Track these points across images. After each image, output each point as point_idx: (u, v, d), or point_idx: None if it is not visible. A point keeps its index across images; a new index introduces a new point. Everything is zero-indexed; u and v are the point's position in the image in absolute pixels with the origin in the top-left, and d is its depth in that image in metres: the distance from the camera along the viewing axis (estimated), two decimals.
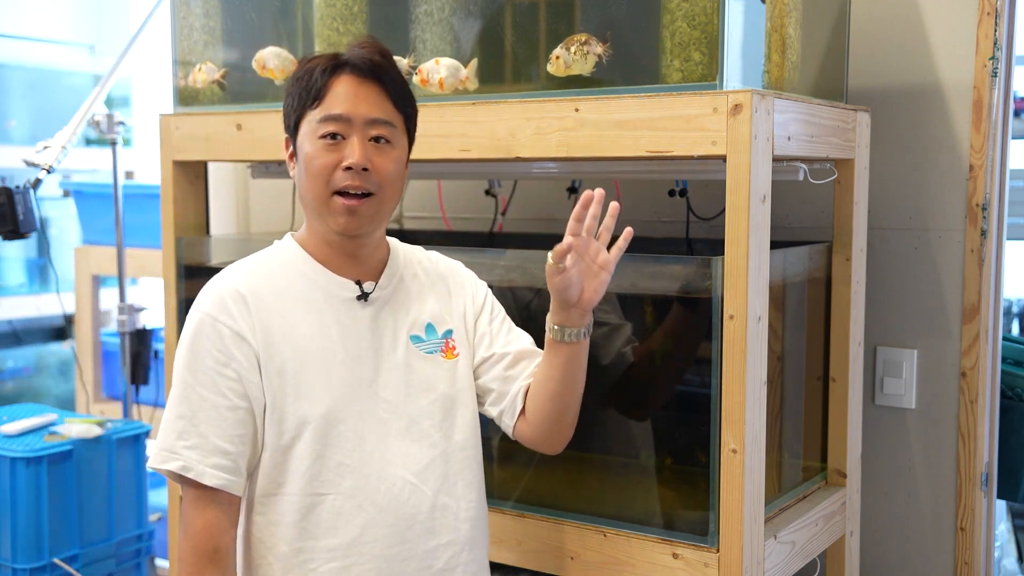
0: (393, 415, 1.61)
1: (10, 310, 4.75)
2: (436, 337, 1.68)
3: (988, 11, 2.11)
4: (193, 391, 1.53)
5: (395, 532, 1.58)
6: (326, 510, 1.56)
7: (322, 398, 1.56)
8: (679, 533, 1.78)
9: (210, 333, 1.54)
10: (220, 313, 1.55)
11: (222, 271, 1.64)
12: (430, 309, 1.70)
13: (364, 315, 1.63)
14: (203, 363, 1.53)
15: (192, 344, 1.55)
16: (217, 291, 1.58)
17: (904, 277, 2.25)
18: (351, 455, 1.57)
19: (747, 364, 1.65)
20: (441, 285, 1.74)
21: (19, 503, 2.54)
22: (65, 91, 4.92)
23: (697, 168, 1.86)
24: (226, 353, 1.54)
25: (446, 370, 1.67)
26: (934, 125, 2.20)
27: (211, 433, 1.52)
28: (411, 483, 1.60)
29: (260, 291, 1.59)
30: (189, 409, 1.53)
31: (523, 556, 1.93)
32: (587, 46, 1.79)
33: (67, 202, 4.23)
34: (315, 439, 1.55)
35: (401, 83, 1.63)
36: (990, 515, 2.23)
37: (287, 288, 1.61)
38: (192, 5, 2.32)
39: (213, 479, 1.51)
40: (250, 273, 1.62)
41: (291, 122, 1.62)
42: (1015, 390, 2.29)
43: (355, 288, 1.63)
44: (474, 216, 2.67)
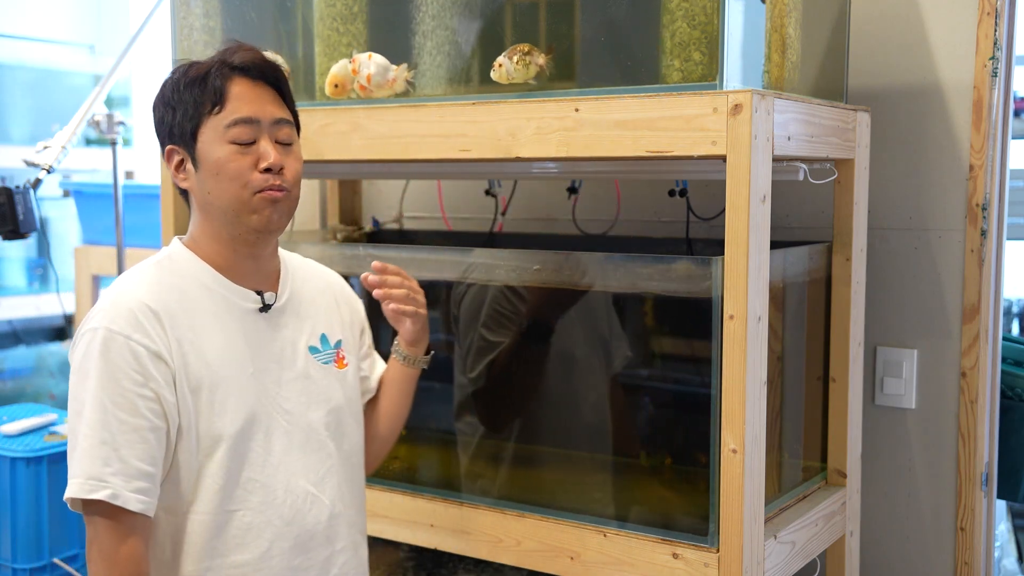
0: (295, 427, 1.61)
1: (10, 310, 4.74)
2: (329, 348, 1.70)
3: (988, 11, 2.11)
4: (111, 415, 1.46)
5: (299, 544, 1.59)
6: (236, 527, 1.54)
7: (235, 415, 1.54)
8: (679, 533, 1.78)
9: (123, 352, 1.47)
10: (133, 331, 1.48)
11: (119, 282, 1.57)
12: (323, 319, 1.71)
13: (265, 326, 1.62)
14: (120, 384, 1.46)
15: (104, 365, 1.47)
16: (125, 306, 1.50)
17: (904, 277, 2.24)
18: (260, 470, 1.56)
19: (747, 364, 1.65)
20: (329, 295, 1.75)
21: (19, 503, 2.53)
22: (65, 91, 4.91)
23: (697, 168, 1.86)
24: (143, 373, 1.47)
25: (338, 380, 1.69)
26: (934, 125, 2.20)
27: (132, 456, 1.46)
28: (312, 494, 1.61)
29: (169, 306, 1.53)
30: (110, 434, 1.45)
31: (523, 556, 1.93)
32: (529, 56, 1.83)
33: (67, 202, 4.23)
34: (228, 457, 1.53)
35: (285, 82, 1.63)
36: (990, 515, 2.23)
37: (193, 301, 1.56)
38: (192, 5, 2.32)
39: (137, 504, 1.46)
40: (154, 285, 1.55)
41: (187, 130, 1.56)
42: (1015, 390, 2.29)
43: (256, 299, 1.61)
44: (474, 216, 2.67)
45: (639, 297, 1.94)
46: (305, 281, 1.72)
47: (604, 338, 2.04)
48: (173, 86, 1.58)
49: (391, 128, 1.96)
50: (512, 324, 2.05)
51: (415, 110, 1.93)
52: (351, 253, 2.16)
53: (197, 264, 1.60)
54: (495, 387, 2.13)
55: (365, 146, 1.99)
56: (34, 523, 2.54)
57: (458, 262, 2.08)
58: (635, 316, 2.04)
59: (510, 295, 2.03)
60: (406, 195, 2.76)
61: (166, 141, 1.60)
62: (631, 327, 2.05)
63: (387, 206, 2.81)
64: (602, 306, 2.03)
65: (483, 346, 2.09)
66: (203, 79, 1.55)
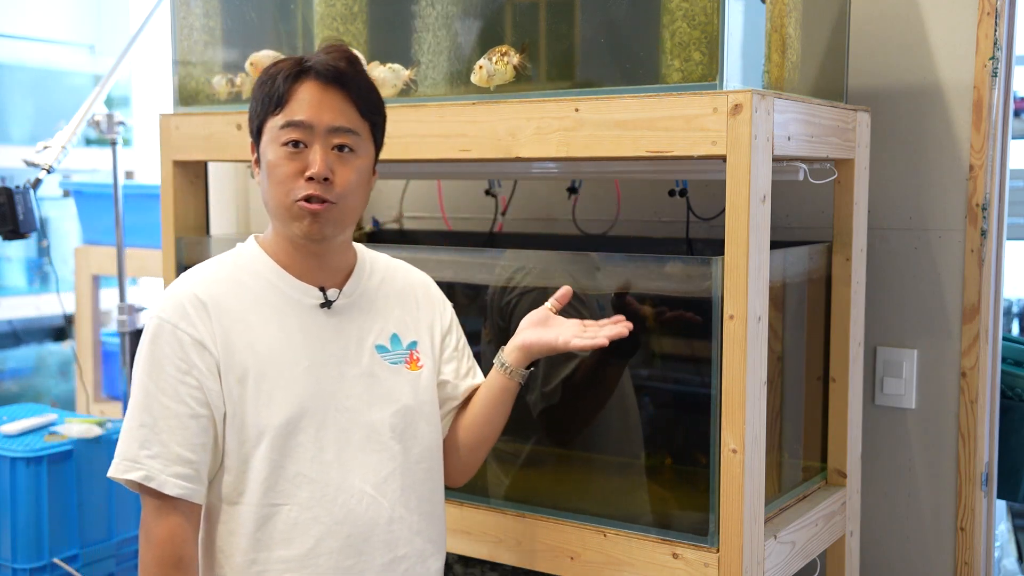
0: (354, 425, 1.59)
1: (10, 310, 4.74)
2: (401, 348, 1.66)
3: (988, 11, 2.11)
4: (155, 399, 1.50)
5: (351, 544, 1.56)
6: (281, 521, 1.54)
7: (282, 408, 1.54)
8: (679, 533, 1.78)
9: (170, 340, 1.52)
10: (180, 320, 1.53)
11: (182, 275, 1.61)
12: (396, 319, 1.68)
13: (328, 322, 1.60)
14: (164, 371, 1.51)
15: (152, 351, 1.53)
16: (177, 297, 1.55)
17: (904, 277, 2.25)
18: (309, 465, 1.55)
19: (747, 364, 1.65)
20: (409, 295, 1.72)
21: (19, 503, 2.54)
22: (65, 91, 4.92)
23: (697, 168, 1.86)
24: (187, 361, 1.51)
25: (409, 382, 1.65)
26: (934, 125, 2.20)
27: (172, 441, 1.49)
28: (369, 495, 1.58)
29: (221, 297, 1.56)
30: (151, 417, 1.50)
31: (523, 556, 1.93)
32: (506, 56, 1.85)
33: (67, 202, 4.23)
34: (273, 449, 1.53)
35: (368, 90, 1.60)
36: (990, 515, 2.23)
37: (250, 293, 1.58)
38: (192, 5, 2.32)
39: (175, 488, 1.49)
40: (210, 278, 1.59)
41: (254, 127, 1.60)
42: (1015, 390, 2.29)
43: (319, 295, 1.61)
44: (474, 216, 2.67)
45: (639, 297, 1.93)
46: (383, 280, 1.69)
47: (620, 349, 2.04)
48: (257, 82, 1.59)
49: (391, 128, 1.95)
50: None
51: (415, 110, 1.93)
52: None
53: (262, 259, 1.61)
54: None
55: None
56: (34, 523, 2.54)
57: (458, 262, 2.08)
58: (635, 316, 2.04)
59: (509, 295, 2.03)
60: (406, 195, 2.76)
61: (250, 135, 1.63)
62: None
63: (387, 206, 2.81)
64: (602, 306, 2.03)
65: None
66: (274, 78, 1.56)
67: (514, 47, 1.89)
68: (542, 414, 2.01)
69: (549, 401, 2.00)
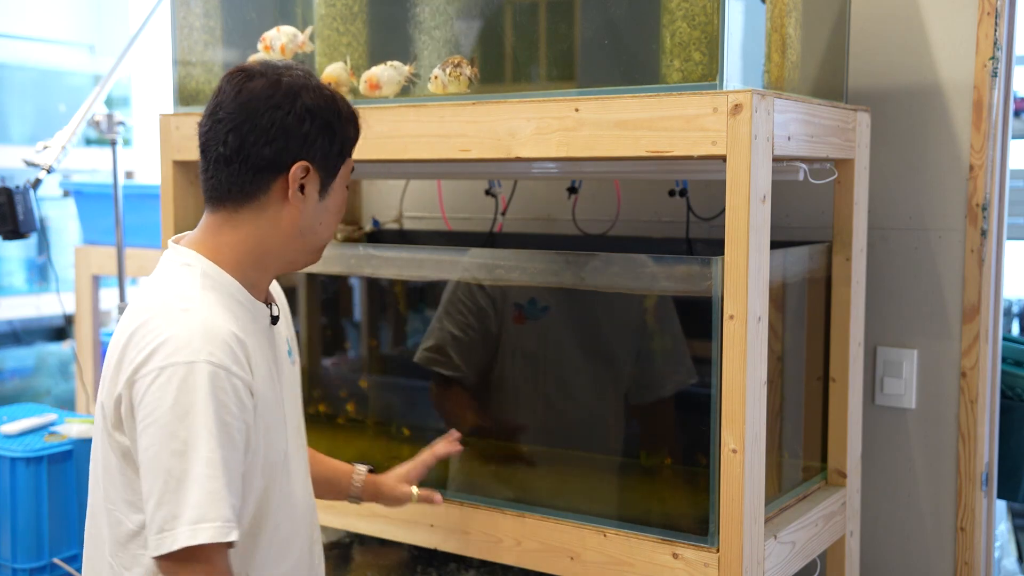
0: (297, 432, 1.64)
1: (10, 310, 4.74)
2: (291, 347, 1.69)
3: (988, 11, 2.11)
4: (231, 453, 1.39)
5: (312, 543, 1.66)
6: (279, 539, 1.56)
7: (276, 436, 1.53)
8: (679, 533, 1.78)
9: (227, 388, 1.40)
10: (233, 364, 1.41)
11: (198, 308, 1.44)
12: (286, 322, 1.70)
13: (272, 338, 1.59)
14: (226, 423, 1.39)
15: (212, 401, 1.38)
16: (220, 337, 1.42)
17: (904, 277, 2.25)
18: (287, 480, 1.58)
19: (747, 364, 1.65)
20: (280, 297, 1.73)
21: (19, 503, 2.53)
22: (65, 91, 4.92)
23: (697, 168, 1.86)
24: (241, 407, 1.42)
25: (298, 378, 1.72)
26: (934, 125, 2.20)
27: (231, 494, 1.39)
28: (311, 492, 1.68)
29: (246, 334, 1.48)
30: (226, 474, 1.38)
31: (523, 556, 1.93)
32: (459, 68, 1.91)
33: (67, 202, 4.23)
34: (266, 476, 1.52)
35: None
36: (990, 515, 2.23)
37: (244, 324, 1.50)
38: (192, 5, 2.32)
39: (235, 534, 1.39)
40: (225, 311, 1.47)
41: (331, 161, 1.54)
42: (1015, 390, 2.29)
43: (267, 312, 1.58)
44: (474, 216, 2.67)
45: (639, 297, 1.94)
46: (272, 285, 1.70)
47: (604, 338, 2.04)
48: (336, 114, 1.53)
49: (391, 128, 1.96)
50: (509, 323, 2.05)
51: (415, 110, 1.93)
52: (351, 253, 2.16)
53: (230, 281, 1.52)
54: (494, 388, 2.13)
55: (365, 146, 1.98)
56: (34, 523, 2.54)
57: (458, 262, 2.08)
58: (635, 316, 2.03)
59: (507, 294, 2.03)
60: (406, 195, 2.76)
61: (301, 154, 1.50)
62: (631, 327, 2.05)
63: (387, 206, 2.81)
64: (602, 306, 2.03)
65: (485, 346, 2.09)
66: (356, 121, 1.59)
67: (466, 59, 1.93)
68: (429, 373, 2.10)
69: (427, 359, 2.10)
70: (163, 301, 1.46)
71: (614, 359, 2.08)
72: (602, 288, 1.94)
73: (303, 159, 1.50)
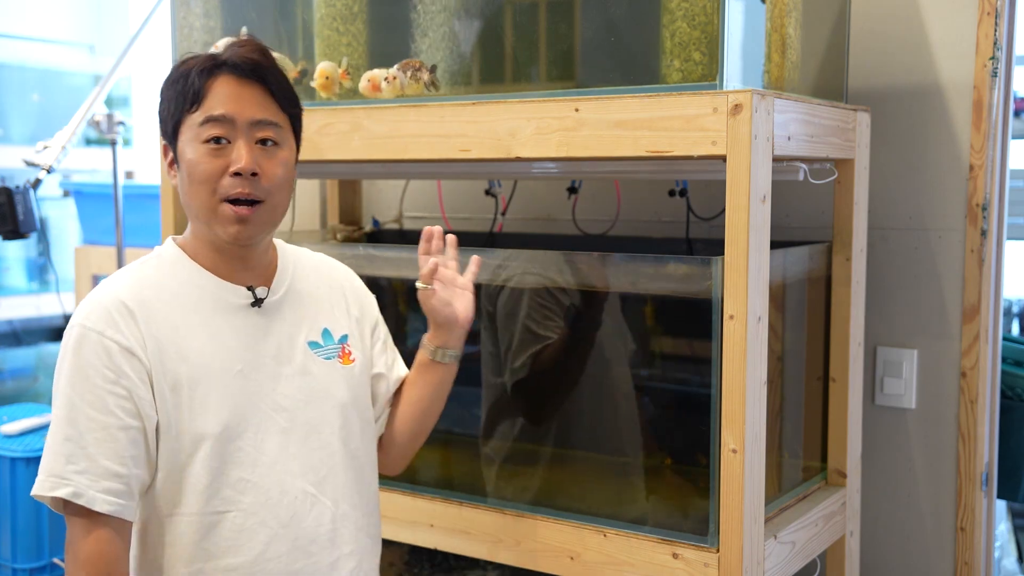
0: (293, 424, 1.55)
1: (10, 310, 4.75)
2: (333, 342, 1.63)
3: (988, 11, 2.11)
4: (80, 412, 1.42)
5: (299, 547, 1.53)
6: (227, 528, 1.49)
7: (219, 413, 1.49)
8: (679, 533, 1.78)
9: (96, 349, 1.44)
10: (107, 327, 1.45)
11: (102, 282, 1.53)
12: (326, 314, 1.64)
13: (259, 322, 1.56)
14: (91, 381, 1.43)
15: (76, 361, 1.44)
16: (101, 303, 1.47)
17: (904, 277, 2.24)
18: (251, 470, 1.50)
19: (747, 364, 1.65)
20: (336, 289, 1.69)
21: (19, 503, 2.54)
22: (65, 91, 4.92)
23: (697, 168, 1.86)
24: (115, 370, 1.44)
25: (343, 376, 1.62)
26: (934, 125, 2.20)
27: (101, 455, 1.42)
28: (311, 494, 1.55)
29: (148, 302, 1.49)
30: (76, 431, 1.42)
31: (523, 556, 1.93)
32: (419, 72, 1.94)
33: (67, 202, 4.23)
34: (212, 456, 1.48)
35: (284, 82, 1.55)
36: (990, 515, 2.23)
37: (176, 298, 1.52)
38: (192, 5, 2.32)
39: (105, 504, 1.41)
40: (135, 283, 1.52)
41: (168, 128, 1.53)
42: (1015, 390, 2.29)
43: (247, 294, 1.55)
44: (474, 216, 2.67)
45: (639, 297, 1.94)
46: (307, 275, 1.66)
47: (604, 338, 2.04)
48: (168, 80, 1.54)
49: (391, 128, 1.96)
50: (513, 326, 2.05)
51: (415, 110, 1.93)
52: (351, 253, 2.16)
53: (185, 262, 1.55)
54: (495, 388, 2.13)
55: (365, 146, 1.99)
56: (34, 523, 2.54)
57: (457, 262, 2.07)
58: (635, 316, 2.03)
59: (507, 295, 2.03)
60: (406, 195, 2.76)
61: (161, 136, 1.57)
62: (631, 327, 2.05)
63: (387, 206, 2.81)
64: (601, 306, 2.03)
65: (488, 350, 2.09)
66: (186, 75, 1.50)
67: (426, 65, 1.97)
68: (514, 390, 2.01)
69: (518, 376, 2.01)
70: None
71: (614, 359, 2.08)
72: (602, 288, 1.94)
73: (161, 140, 1.58)
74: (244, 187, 1.49)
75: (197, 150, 1.49)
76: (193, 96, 1.49)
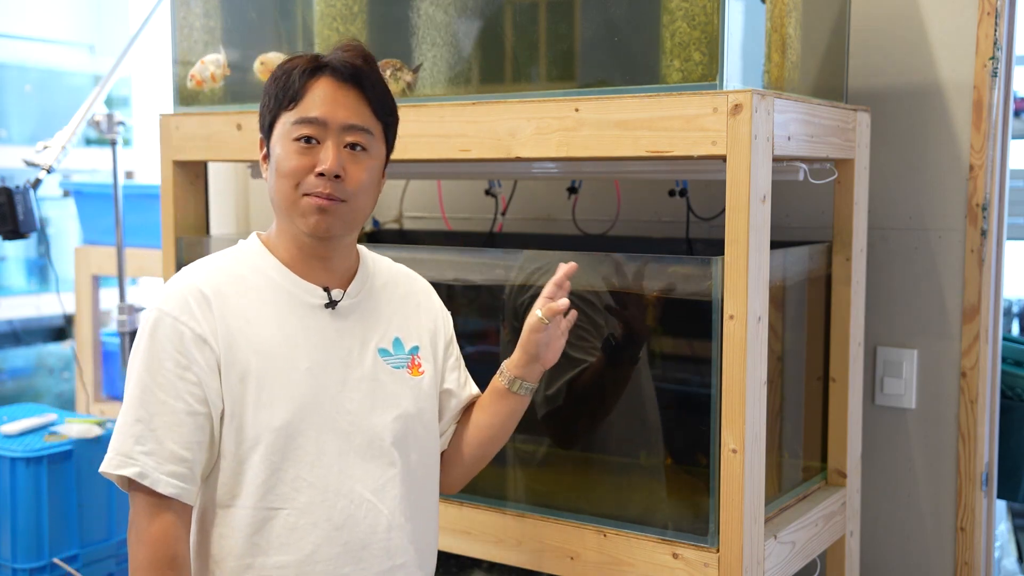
0: (356, 429, 1.55)
1: (10, 310, 4.75)
2: (403, 352, 1.63)
3: (988, 11, 2.11)
4: (152, 394, 1.46)
5: (349, 551, 1.52)
6: (279, 525, 1.50)
7: (283, 409, 1.50)
8: (679, 533, 1.78)
9: (170, 334, 1.48)
10: (181, 313, 1.49)
11: (184, 269, 1.57)
12: (398, 323, 1.65)
13: (332, 324, 1.57)
14: (163, 365, 1.47)
15: (151, 344, 1.48)
16: (179, 289, 1.51)
17: (904, 277, 2.25)
18: (310, 469, 1.51)
19: (747, 364, 1.65)
20: (411, 300, 1.69)
21: (19, 503, 2.54)
22: (65, 91, 4.92)
23: (697, 168, 1.86)
24: (187, 356, 1.47)
25: (411, 387, 1.62)
26: (934, 125, 2.20)
27: (168, 439, 1.45)
28: (369, 501, 1.54)
29: (224, 291, 1.52)
30: (147, 413, 1.46)
31: (523, 556, 1.93)
32: (400, 72, 1.95)
33: (67, 202, 4.23)
34: (272, 451, 1.49)
35: (383, 90, 1.58)
36: (990, 515, 2.23)
37: (252, 290, 1.54)
38: (192, 5, 2.32)
39: (168, 487, 1.45)
40: (214, 272, 1.55)
41: (266, 123, 1.57)
42: (1015, 390, 2.29)
43: (323, 295, 1.57)
44: (474, 216, 2.67)
45: (639, 297, 1.93)
46: (385, 283, 1.67)
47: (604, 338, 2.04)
48: (271, 77, 1.57)
49: None
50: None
51: (415, 110, 1.93)
52: None
53: (265, 256, 1.58)
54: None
55: None
56: (34, 523, 2.54)
57: (458, 262, 2.08)
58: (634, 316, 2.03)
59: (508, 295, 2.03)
60: (406, 195, 2.76)
61: (260, 130, 1.60)
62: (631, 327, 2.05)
63: (387, 206, 2.81)
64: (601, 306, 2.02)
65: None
66: (288, 73, 1.54)
67: (408, 65, 1.98)
68: (547, 417, 2.00)
69: (552, 404, 2.00)
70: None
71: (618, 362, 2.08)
72: (602, 288, 1.94)
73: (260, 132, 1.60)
74: (326, 187, 1.51)
75: (287, 147, 1.52)
76: (292, 95, 1.53)
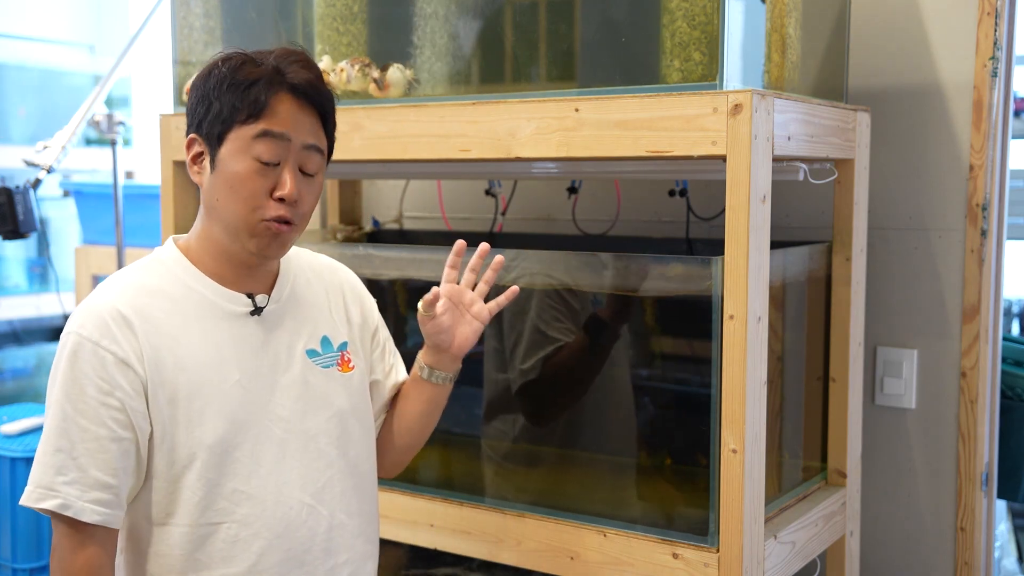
0: (290, 434, 1.52)
1: (10, 310, 4.75)
2: (332, 350, 1.60)
3: (988, 11, 2.11)
4: (73, 422, 1.41)
5: (293, 556, 1.51)
6: (220, 539, 1.47)
7: (215, 425, 1.46)
8: (679, 533, 1.78)
9: (91, 359, 1.42)
10: (102, 337, 1.43)
11: (99, 287, 1.50)
12: (325, 320, 1.62)
13: (258, 330, 1.53)
14: (84, 392, 1.41)
15: (70, 371, 1.42)
16: (97, 312, 1.44)
17: (904, 277, 2.25)
18: (247, 481, 1.48)
19: (747, 364, 1.65)
20: (336, 294, 1.67)
21: (19, 503, 2.54)
22: (65, 91, 4.92)
23: (697, 168, 1.86)
24: (109, 381, 1.42)
25: (342, 385, 1.60)
26: (934, 125, 2.20)
27: (91, 466, 1.41)
28: (308, 504, 1.53)
29: (145, 311, 1.46)
30: (68, 442, 1.41)
31: (523, 556, 1.93)
32: (368, 68, 1.94)
33: (67, 202, 4.23)
34: (208, 468, 1.46)
35: (332, 106, 1.55)
36: (990, 515, 2.23)
37: (175, 305, 1.49)
38: (192, 5, 2.32)
39: (93, 515, 1.41)
40: (132, 290, 1.49)
41: (215, 131, 1.48)
42: (1015, 390, 2.29)
43: (247, 302, 1.53)
44: (474, 216, 2.67)
45: (639, 297, 1.93)
46: (308, 280, 1.64)
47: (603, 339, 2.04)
48: (219, 80, 1.48)
49: (391, 128, 1.96)
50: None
51: (415, 110, 1.93)
52: (351, 253, 2.16)
53: (185, 267, 1.53)
54: (498, 387, 2.13)
55: (365, 146, 1.99)
56: (34, 523, 2.54)
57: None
58: (635, 316, 2.03)
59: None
60: (406, 195, 2.76)
61: (192, 128, 1.52)
62: (631, 327, 2.05)
63: (387, 206, 2.81)
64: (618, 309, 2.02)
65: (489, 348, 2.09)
66: (250, 86, 1.46)
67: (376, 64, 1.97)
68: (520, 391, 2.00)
69: (527, 377, 1.99)
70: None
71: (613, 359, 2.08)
72: (602, 288, 1.94)
73: (192, 131, 1.52)
74: (285, 212, 1.48)
75: (247, 164, 1.46)
76: (255, 107, 1.46)
